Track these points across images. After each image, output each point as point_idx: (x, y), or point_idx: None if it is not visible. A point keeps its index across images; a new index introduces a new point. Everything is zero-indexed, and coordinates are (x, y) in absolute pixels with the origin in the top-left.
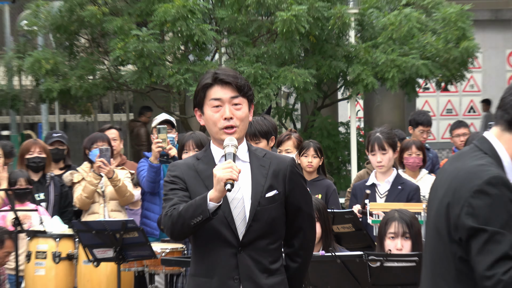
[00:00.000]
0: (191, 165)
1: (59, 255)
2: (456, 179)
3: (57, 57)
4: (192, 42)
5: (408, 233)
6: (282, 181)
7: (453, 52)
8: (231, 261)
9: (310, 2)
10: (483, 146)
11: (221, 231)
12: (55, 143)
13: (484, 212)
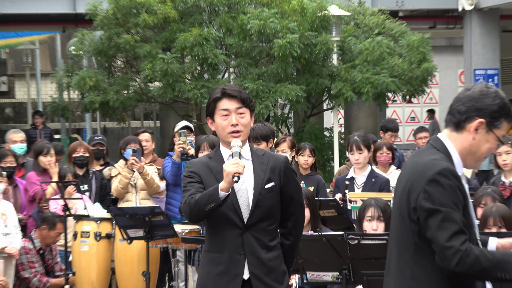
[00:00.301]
0: (205, 162)
1: (99, 235)
2: (414, 171)
3: (98, 75)
4: (207, 63)
5: (382, 216)
6: (278, 175)
7: (416, 72)
8: (238, 239)
9: (301, 32)
10: (437, 144)
11: (229, 216)
12: (96, 145)
13: (438, 196)
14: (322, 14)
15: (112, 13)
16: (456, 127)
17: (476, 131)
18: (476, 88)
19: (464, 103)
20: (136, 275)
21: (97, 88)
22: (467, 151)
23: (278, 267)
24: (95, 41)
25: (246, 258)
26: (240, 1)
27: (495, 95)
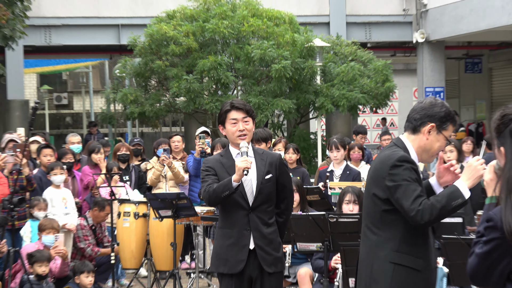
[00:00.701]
0: (218, 159)
1: (137, 214)
2: (380, 161)
3: (137, 92)
4: (220, 83)
5: (357, 200)
6: (274, 168)
7: (380, 89)
8: (245, 218)
9: (292, 59)
10: (398, 143)
11: (238, 200)
12: (135, 145)
13: (399, 175)
14: (309, 45)
15: (148, 44)
16: (413, 131)
17: (429, 133)
18: (427, 100)
19: (418, 112)
20: (165, 245)
21: (136, 102)
22: (422, 149)
23: (276, 239)
24: (134, 66)
25: (251, 232)
26: (245, 35)
27: (441, 105)
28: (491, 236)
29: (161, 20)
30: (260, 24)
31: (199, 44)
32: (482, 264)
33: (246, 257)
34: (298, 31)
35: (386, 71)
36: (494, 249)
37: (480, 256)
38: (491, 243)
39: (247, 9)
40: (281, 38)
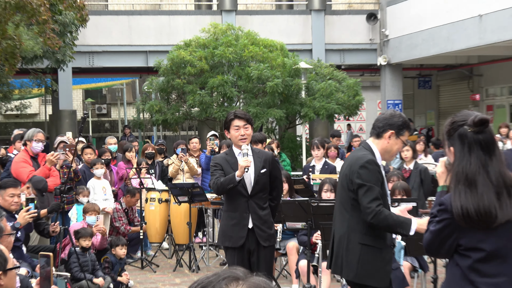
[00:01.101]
0: (224, 157)
1: (161, 200)
2: (352, 161)
3: (161, 104)
4: (226, 97)
5: (333, 189)
6: (268, 164)
7: (351, 102)
8: (245, 204)
9: (283, 78)
10: (366, 146)
11: (240, 190)
12: (159, 145)
13: (365, 176)
14: (295, 67)
15: (169, 66)
16: (377, 136)
17: (389, 138)
18: (388, 112)
19: (381, 121)
20: (183, 224)
21: (160, 111)
22: (384, 150)
23: (269, 220)
24: (159, 83)
25: (250, 215)
26: (246, 59)
27: (399, 115)
28: (443, 217)
29: (180, 47)
30: (257, 51)
31: (209, 66)
32: (435, 238)
33: (246, 234)
34: (287, 56)
35: (356, 87)
36: (445, 227)
37: (433, 232)
38: (443, 222)
39: (247, 39)
40: (274, 61)
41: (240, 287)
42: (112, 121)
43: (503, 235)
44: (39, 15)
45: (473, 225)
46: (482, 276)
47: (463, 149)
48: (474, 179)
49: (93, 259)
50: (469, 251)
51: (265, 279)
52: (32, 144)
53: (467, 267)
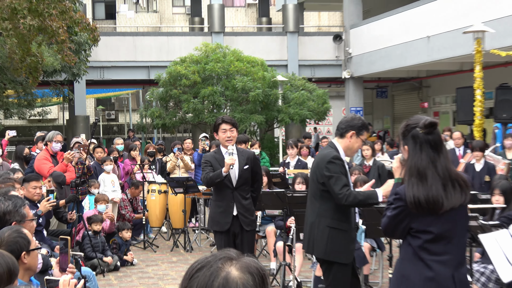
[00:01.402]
0: (213, 155)
1: (160, 191)
2: (321, 157)
3: (161, 110)
4: (215, 105)
5: (304, 182)
6: (250, 161)
7: (321, 109)
8: (230, 195)
9: (263, 88)
10: (331, 145)
11: (226, 183)
12: (159, 145)
13: (332, 169)
14: (274, 80)
15: (168, 79)
16: (341, 136)
17: (351, 137)
18: (349, 115)
19: (344, 123)
20: (179, 211)
21: (159, 117)
22: (347, 148)
23: (251, 208)
24: (159, 93)
25: (234, 204)
26: (232, 73)
27: (359, 118)
28: (398, 204)
29: (176, 63)
30: (242, 66)
31: (201, 79)
32: (392, 222)
33: (231, 220)
34: (267, 70)
35: (324, 97)
36: (399, 213)
37: (390, 217)
38: (398, 209)
39: (233, 56)
40: (256, 75)
41: (234, 266)
42: (120, 125)
43: (448, 220)
44: (58, 36)
45: (423, 212)
46: (431, 254)
47: (415, 147)
48: (425, 173)
49: (103, 241)
50: (419, 233)
51: (254, 259)
52: (52, 144)
53: (417, 246)
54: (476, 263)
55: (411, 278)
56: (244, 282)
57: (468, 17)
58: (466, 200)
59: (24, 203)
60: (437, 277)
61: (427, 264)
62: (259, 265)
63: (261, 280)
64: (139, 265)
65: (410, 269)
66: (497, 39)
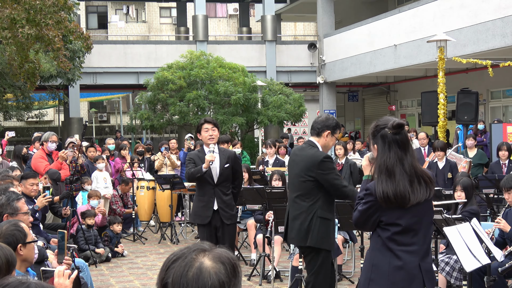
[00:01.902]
0: (196, 153)
1: (149, 187)
2: (309, 157)
3: (149, 113)
4: (200, 107)
5: (280, 179)
6: (231, 160)
7: (297, 111)
8: (211, 190)
9: (243, 92)
10: (311, 143)
11: (208, 180)
12: (148, 145)
13: (327, 167)
14: (253, 84)
15: (156, 83)
16: (318, 135)
17: (326, 136)
18: (324, 116)
19: (319, 123)
20: (166, 206)
21: (148, 119)
22: (323, 146)
23: (231, 203)
24: (147, 97)
25: (215, 199)
26: (215, 78)
27: (332, 118)
28: (368, 199)
29: (164, 69)
30: (224, 72)
31: (187, 84)
32: (362, 216)
33: (211, 214)
34: (247, 76)
35: (300, 100)
36: (370, 207)
37: (361, 211)
38: (368, 203)
39: (216, 63)
40: (237, 80)
41: (207, 257)
42: (111, 126)
43: (415, 214)
44: (54, 44)
45: (392, 205)
46: (399, 245)
47: (384, 146)
48: (393, 170)
49: (95, 234)
50: (388, 226)
51: (226, 250)
52: (47, 144)
53: (387, 237)
54: (441, 254)
55: (381, 267)
56: (216, 271)
57: (432, 27)
58: (431, 195)
59: (18, 198)
60: (405, 266)
61: (395, 254)
62: (231, 255)
63: (232, 269)
64: (129, 256)
65: (379, 258)
66: (458, 47)
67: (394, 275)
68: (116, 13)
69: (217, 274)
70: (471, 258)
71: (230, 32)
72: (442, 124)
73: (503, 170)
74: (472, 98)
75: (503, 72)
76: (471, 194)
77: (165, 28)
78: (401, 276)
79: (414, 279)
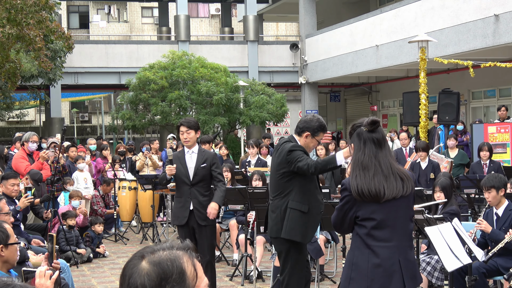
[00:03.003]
0: (177, 154)
1: (130, 187)
2: (281, 151)
3: (131, 113)
4: (182, 107)
5: (261, 179)
6: (209, 161)
7: (279, 111)
8: (188, 191)
9: (225, 93)
10: (291, 139)
11: (184, 180)
12: (129, 145)
13: (295, 154)
14: (235, 85)
15: (137, 84)
16: (299, 134)
17: (306, 138)
18: (309, 116)
19: (302, 123)
20: (147, 206)
21: (130, 119)
22: (303, 146)
23: (207, 204)
24: (129, 96)
25: (191, 199)
26: (197, 78)
27: (317, 120)
28: (344, 194)
29: (145, 69)
30: (206, 72)
31: (168, 84)
32: (339, 214)
33: (188, 215)
34: (229, 76)
35: (282, 100)
36: (345, 203)
37: (338, 209)
38: (344, 199)
39: (198, 63)
40: (219, 80)
41: (145, 262)
42: (93, 126)
43: (390, 208)
44: (35, 43)
45: (367, 200)
46: (377, 240)
47: (359, 143)
48: (367, 166)
49: (77, 234)
50: (365, 221)
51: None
52: (28, 144)
53: (364, 234)
54: (423, 254)
55: (360, 265)
56: (147, 272)
57: (413, 27)
58: (407, 192)
59: None
60: (383, 263)
61: (373, 251)
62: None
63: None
64: (111, 256)
65: (358, 257)
66: (439, 48)
67: (373, 272)
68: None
69: (148, 275)
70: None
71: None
72: (423, 124)
73: (484, 170)
74: (454, 98)
75: (484, 72)
76: (450, 194)
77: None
78: (380, 273)
79: (394, 275)
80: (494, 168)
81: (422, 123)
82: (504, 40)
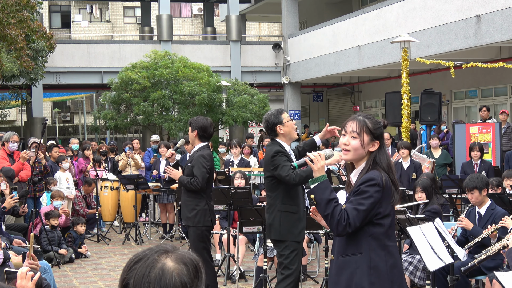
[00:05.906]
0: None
1: (113, 187)
2: (266, 156)
3: (113, 113)
4: (164, 107)
5: (243, 177)
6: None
7: (261, 111)
8: (180, 190)
9: (208, 93)
10: (274, 142)
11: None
12: (112, 145)
13: (276, 161)
14: (218, 85)
15: (119, 83)
16: (275, 135)
17: (281, 130)
18: (264, 119)
19: (266, 126)
20: (130, 207)
21: (112, 119)
22: (286, 138)
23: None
24: (111, 96)
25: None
26: (180, 78)
27: (269, 114)
28: (374, 190)
29: (127, 69)
30: (188, 72)
31: (151, 84)
32: (365, 214)
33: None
34: (212, 76)
35: (265, 100)
36: (375, 201)
37: (364, 210)
38: (373, 196)
39: (180, 62)
40: (201, 80)
41: (169, 258)
42: (75, 126)
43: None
44: (16, 43)
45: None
46: (392, 240)
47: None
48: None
49: (59, 235)
50: (383, 219)
51: (189, 252)
52: (9, 144)
53: (382, 233)
54: (405, 254)
55: (380, 268)
56: (178, 272)
57: (395, 28)
58: None
59: None
60: (397, 262)
61: (389, 252)
62: (193, 256)
63: (195, 270)
64: (93, 257)
65: (375, 259)
66: (421, 48)
67: (392, 273)
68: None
69: (180, 275)
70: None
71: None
72: (406, 125)
73: (475, 170)
74: (436, 98)
75: (465, 73)
76: (431, 194)
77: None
78: (397, 274)
79: (403, 274)
80: (485, 167)
81: (404, 123)
82: (486, 40)
